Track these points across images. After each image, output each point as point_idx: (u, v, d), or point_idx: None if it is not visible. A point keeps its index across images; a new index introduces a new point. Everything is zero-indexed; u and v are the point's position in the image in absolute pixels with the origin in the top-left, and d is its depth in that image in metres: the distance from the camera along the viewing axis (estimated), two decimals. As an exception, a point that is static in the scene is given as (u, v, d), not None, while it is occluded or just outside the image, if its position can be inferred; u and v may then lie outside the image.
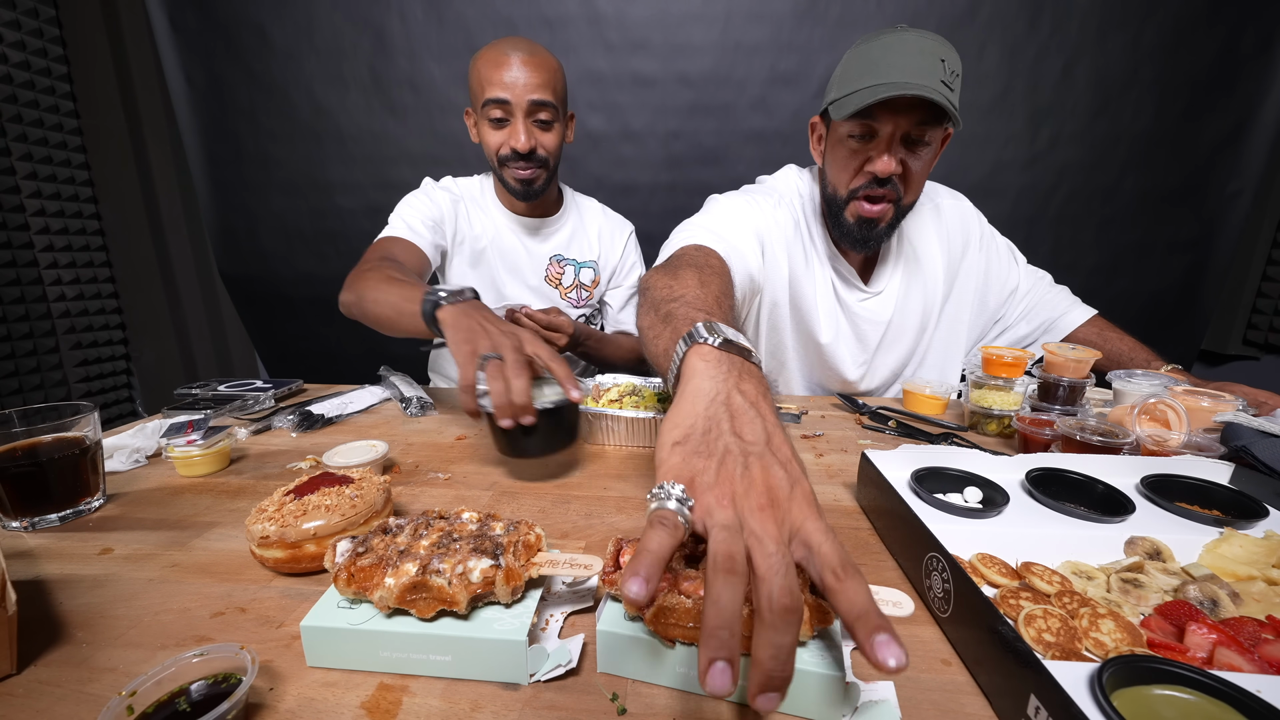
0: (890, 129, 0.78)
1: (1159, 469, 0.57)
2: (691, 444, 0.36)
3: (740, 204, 0.92)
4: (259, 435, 0.79)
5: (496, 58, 0.97)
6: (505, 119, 1.00)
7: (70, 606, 0.42)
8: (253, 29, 1.52)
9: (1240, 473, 0.56)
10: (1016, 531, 0.48)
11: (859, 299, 0.98)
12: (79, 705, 0.33)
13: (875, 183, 0.82)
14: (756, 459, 0.34)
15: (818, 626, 0.33)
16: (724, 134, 1.53)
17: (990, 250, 1.04)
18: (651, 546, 0.30)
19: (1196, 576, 0.40)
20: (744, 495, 0.32)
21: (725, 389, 0.38)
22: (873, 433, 0.81)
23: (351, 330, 1.83)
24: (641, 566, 0.29)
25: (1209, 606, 0.37)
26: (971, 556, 0.45)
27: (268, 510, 0.47)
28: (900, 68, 0.73)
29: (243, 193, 1.67)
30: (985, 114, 1.50)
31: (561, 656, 0.36)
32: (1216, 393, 0.69)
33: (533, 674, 0.35)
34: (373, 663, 0.36)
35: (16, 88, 1.46)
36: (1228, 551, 0.44)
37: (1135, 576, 0.40)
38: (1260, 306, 1.75)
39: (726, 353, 0.41)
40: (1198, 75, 1.45)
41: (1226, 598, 0.37)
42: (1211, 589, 0.38)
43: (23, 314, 1.50)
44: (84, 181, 1.65)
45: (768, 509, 0.32)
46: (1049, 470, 0.56)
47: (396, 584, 0.35)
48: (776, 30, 1.45)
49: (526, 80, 0.97)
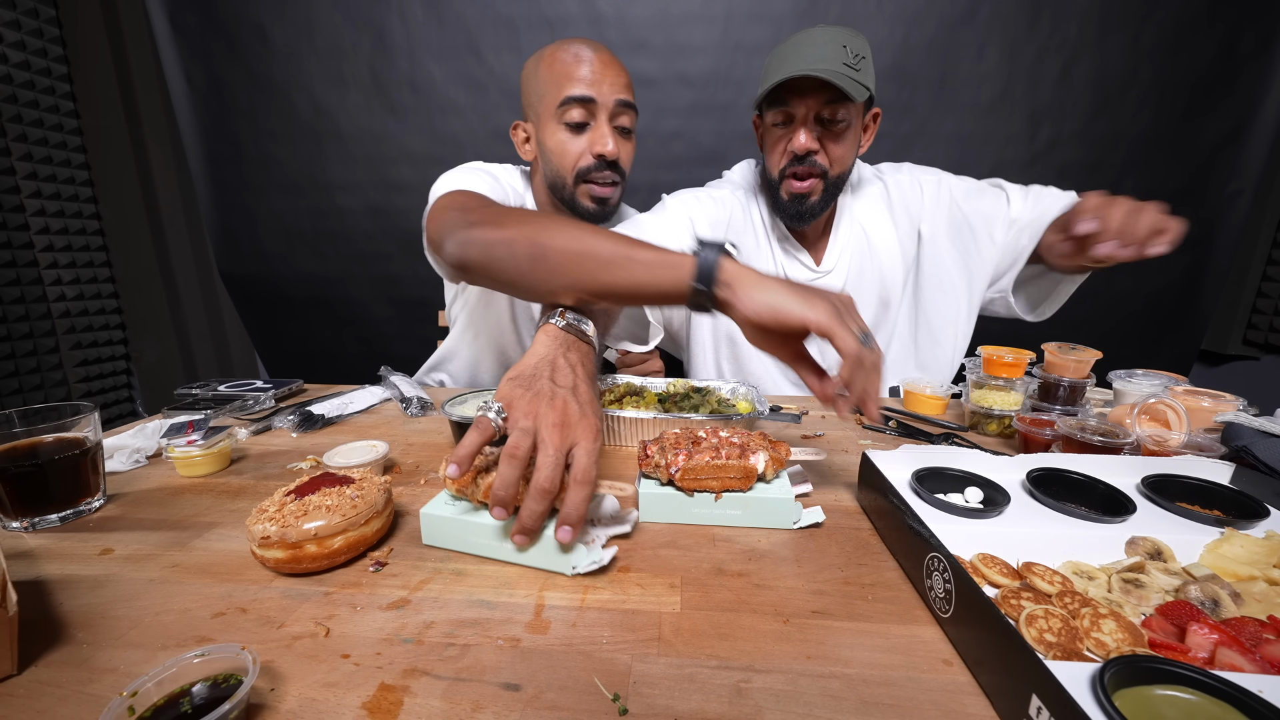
0: (803, 111, 0.86)
1: (1159, 469, 0.57)
2: (519, 381, 0.51)
3: (677, 203, 1.01)
4: (259, 435, 0.79)
5: (576, 52, 0.86)
6: (586, 122, 0.87)
7: (71, 607, 0.42)
8: (253, 29, 1.52)
9: (1241, 473, 0.56)
10: (1017, 531, 0.48)
11: (810, 279, 1.01)
12: (79, 706, 0.33)
13: (797, 160, 0.89)
14: (561, 395, 0.50)
15: (776, 470, 0.56)
16: (724, 134, 1.53)
17: (961, 198, 1.01)
18: (466, 441, 0.46)
19: (1198, 576, 0.40)
20: (544, 415, 0.48)
21: (554, 353, 0.55)
22: (873, 433, 0.81)
23: (351, 330, 1.84)
24: (456, 456, 0.46)
25: (1210, 606, 0.37)
26: (972, 557, 0.45)
27: (268, 510, 0.47)
28: (804, 57, 0.82)
29: (243, 193, 1.67)
30: (985, 114, 1.50)
31: (596, 555, 0.46)
32: (1217, 393, 0.69)
33: (574, 566, 0.46)
34: (462, 544, 0.49)
35: (16, 88, 1.46)
36: (1229, 551, 0.44)
37: (1136, 576, 0.40)
38: (1260, 306, 1.75)
39: (565, 331, 0.57)
40: (1197, 75, 1.45)
41: (1228, 598, 0.37)
42: (1213, 589, 0.38)
43: (23, 314, 1.50)
44: (84, 181, 1.65)
45: (558, 427, 0.47)
46: (1050, 470, 0.56)
47: (484, 483, 0.48)
48: (776, 30, 1.45)
49: (614, 79, 0.86)
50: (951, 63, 1.47)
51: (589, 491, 0.46)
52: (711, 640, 0.39)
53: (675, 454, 0.55)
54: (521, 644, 0.38)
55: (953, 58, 1.46)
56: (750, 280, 0.52)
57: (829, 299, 0.51)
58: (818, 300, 0.50)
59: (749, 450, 0.56)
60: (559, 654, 0.37)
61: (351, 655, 0.37)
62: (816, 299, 0.51)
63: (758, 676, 0.36)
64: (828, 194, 0.93)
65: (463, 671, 0.36)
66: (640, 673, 0.36)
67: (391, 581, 0.45)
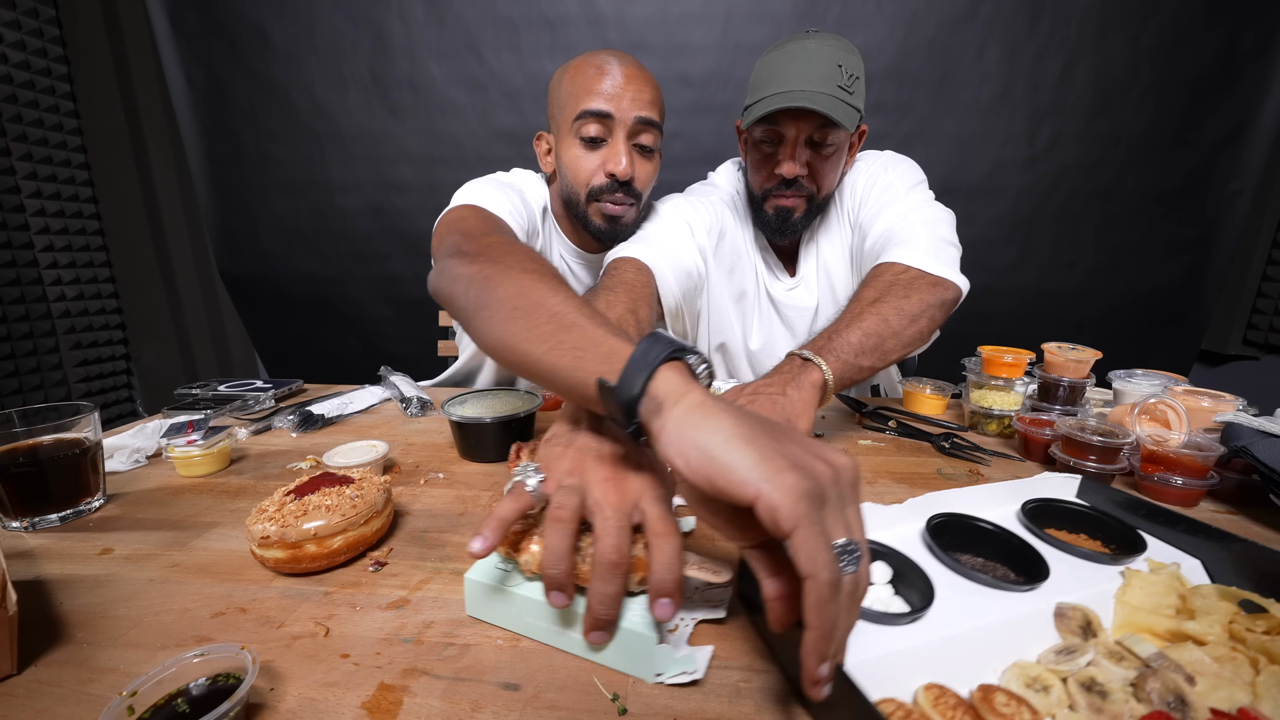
0: (794, 133, 0.82)
1: (1031, 493, 0.54)
2: (558, 439, 0.43)
3: (670, 208, 0.93)
4: (259, 435, 0.79)
5: (600, 64, 0.81)
6: (602, 138, 0.82)
7: (71, 607, 0.42)
8: (253, 29, 1.52)
9: (1087, 486, 0.55)
10: (943, 636, 0.37)
11: (785, 289, 1.01)
12: (79, 705, 0.33)
13: (783, 184, 0.86)
14: (609, 448, 0.41)
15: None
16: (724, 134, 1.53)
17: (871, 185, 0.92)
18: (499, 510, 0.37)
19: (1144, 657, 0.36)
20: (592, 470, 0.39)
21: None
22: (873, 433, 0.81)
23: (351, 330, 1.84)
24: (485, 526, 0.36)
25: (1177, 706, 0.32)
26: (916, 692, 0.33)
27: (268, 510, 0.47)
28: (799, 75, 0.78)
29: (243, 193, 1.67)
30: (985, 114, 1.50)
31: (688, 664, 0.35)
32: (1217, 393, 0.69)
33: (659, 674, 0.35)
34: (517, 625, 0.39)
35: (16, 88, 1.46)
36: (1135, 600, 0.40)
37: (1091, 677, 0.35)
38: (1260, 306, 1.75)
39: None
40: (1197, 75, 1.45)
41: (1186, 686, 0.33)
42: (1173, 680, 0.34)
43: (23, 314, 1.50)
44: (84, 181, 1.65)
45: (610, 481, 0.38)
46: (946, 518, 0.49)
47: (540, 551, 0.38)
48: (776, 30, 1.45)
49: (636, 94, 0.81)
50: (951, 63, 1.47)
51: (678, 544, 0.35)
52: (710, 639, 0.39)
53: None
54: (521, 644, 0.38)
55: (953, 58, 1.46)
56: (691, 406, 0.33)
57: (810, 468, 0.30)
58: (786, 467, 0.29)
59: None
60: (558, 654, 0.37)
61: (351, 655, 0.37)
62: (785, 463, 0.29)
63: (757, 676, 0.36)
64: (811, 211, 0.91)
65: (462, 671, 0.36)
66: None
67: (391, 581, 0.45)
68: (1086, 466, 0.63)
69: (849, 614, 0.30)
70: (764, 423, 0.33)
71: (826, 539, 0.29)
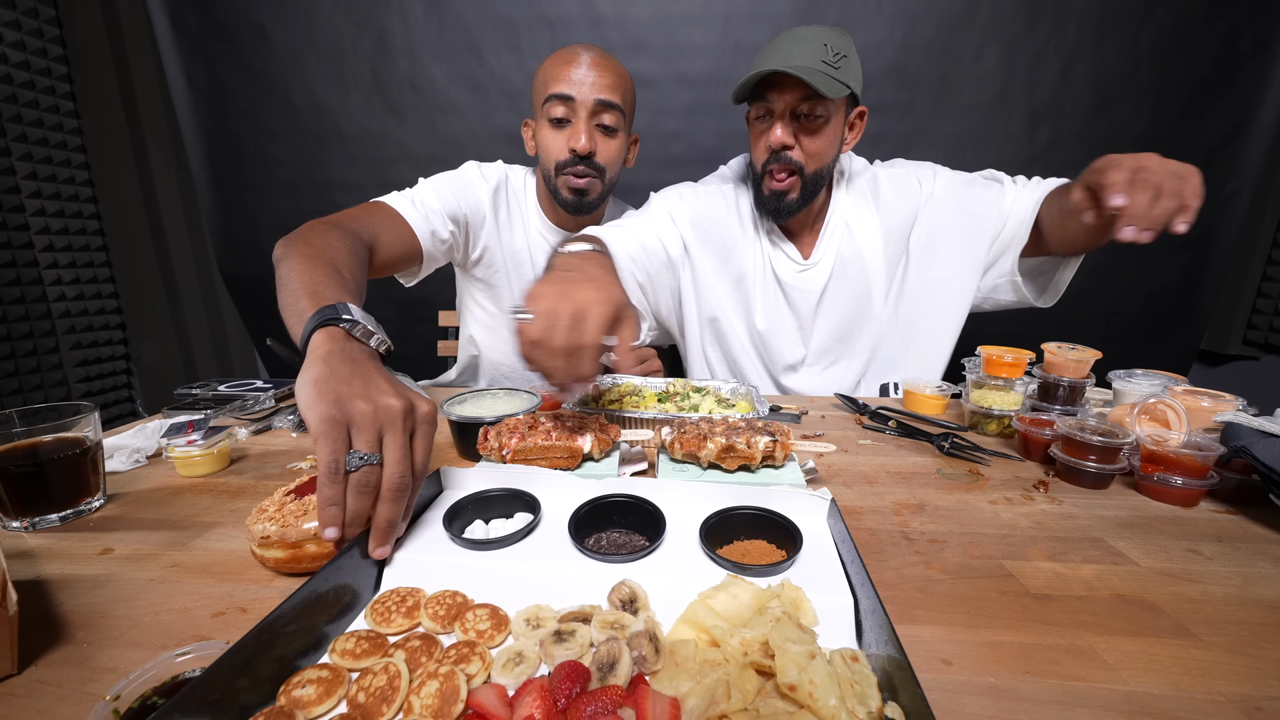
0: (780, 106, 0.88)
1: (760, 501, 0.49)
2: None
3: (660, 200, 1.07)
4: (259, 435, 0.79)
5: (566, 55, 0.93)
6: (567, 119, 0.93)
7: (71, 606, 0.42)
8: (253, 29, 1.52)
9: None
10: (523, 568, 0.43)
11: (795, 271, 1.04)
12: (80, 705, 0.33)
13: (774, 157, 0.92)
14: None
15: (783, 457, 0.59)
16: (724, 134, 1.53)
17: (958, 193, 1.01)
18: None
19: (631, 632, 0.34)
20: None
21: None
22: (873, 433, 0.81)
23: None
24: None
25: (605, 670, 0.32)
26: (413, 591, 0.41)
27: (268, 510, 0.47)
28: (783, 54, 0.84)
29: (243, 193, 1.67)
30: (984, 114, 1.50)
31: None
32: (1217, 393, 0.69)
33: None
34: None
35: (16, 88, 1.46)
36: (718, 603, 0.37)
37: (574, 628, 0.35)
38: (1260, 306, 1.75)
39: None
40: (1197, 75, 1.45)
41: (627, 658, 0.32)
42: (619, 648, 0.33)
43: (23, 314, 1.50)
44: (84, 181, 1.65)
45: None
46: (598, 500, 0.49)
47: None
48: (776, 30, 1.44)
49: (596, 79, 0.91)
50: (951, 63, 1.47)
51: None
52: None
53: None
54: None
55: (952, 58, 1.46)
56: (310, 358, 0.47)
57: (347, 404, 0.42)
58: (327, 402, 0.41)
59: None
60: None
61: (351, 655, 0.37)
62: (329, 399, 0.42)
63: (757, 676, 0.36)
64: (806, 190, 0.94)
65: (462, 671, 0.36)
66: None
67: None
68: (1086, 466, 0.63)
69: (358, 499, 0.41)
70: (346, 371, 0.45)
71: (334, 447, 0.40)
